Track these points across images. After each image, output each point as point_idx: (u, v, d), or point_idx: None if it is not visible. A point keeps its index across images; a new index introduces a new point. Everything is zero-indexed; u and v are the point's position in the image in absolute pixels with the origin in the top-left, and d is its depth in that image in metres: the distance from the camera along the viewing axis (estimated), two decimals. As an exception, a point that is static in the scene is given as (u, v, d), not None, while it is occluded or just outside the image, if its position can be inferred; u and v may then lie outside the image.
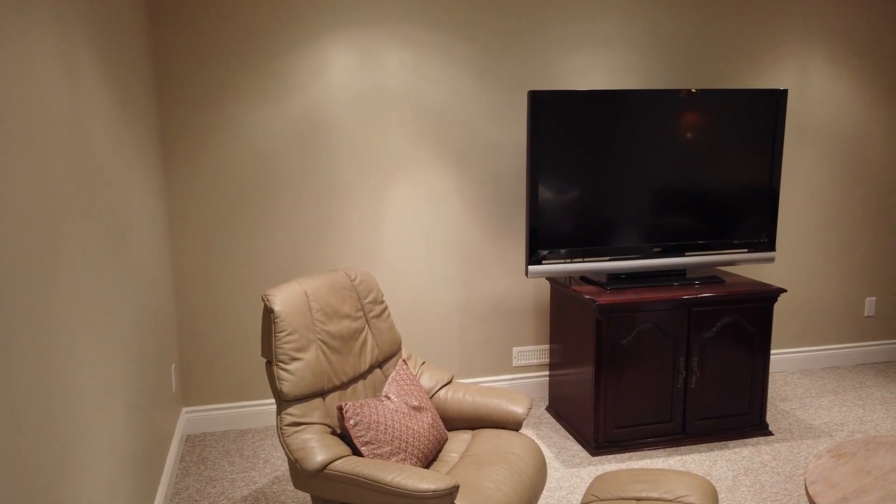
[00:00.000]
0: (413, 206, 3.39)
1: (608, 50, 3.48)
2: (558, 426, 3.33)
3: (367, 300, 2.34)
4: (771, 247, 3.31)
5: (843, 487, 1.89)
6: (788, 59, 3.72)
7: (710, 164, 3.18)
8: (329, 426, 2.00)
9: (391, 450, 1.97)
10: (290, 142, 3.19)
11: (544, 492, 2.70)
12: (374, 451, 1.94)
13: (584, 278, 3.31)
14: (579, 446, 3.10)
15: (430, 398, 2.38)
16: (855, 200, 3.95)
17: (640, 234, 3.18)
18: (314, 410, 1.99)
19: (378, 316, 2.36)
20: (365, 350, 2.27)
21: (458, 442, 2.25)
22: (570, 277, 3.33)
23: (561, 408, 3.37)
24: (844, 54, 3.78)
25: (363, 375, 2.28)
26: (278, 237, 3.25)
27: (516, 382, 3.66)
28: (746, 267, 3.85)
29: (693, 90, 3.09)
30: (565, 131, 3.02)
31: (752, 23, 3.64)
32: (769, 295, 3.10)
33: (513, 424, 2.28)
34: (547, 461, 2.96)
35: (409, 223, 3.40)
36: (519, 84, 3.42)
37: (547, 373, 3.69)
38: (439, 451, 2.21)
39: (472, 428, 2.35)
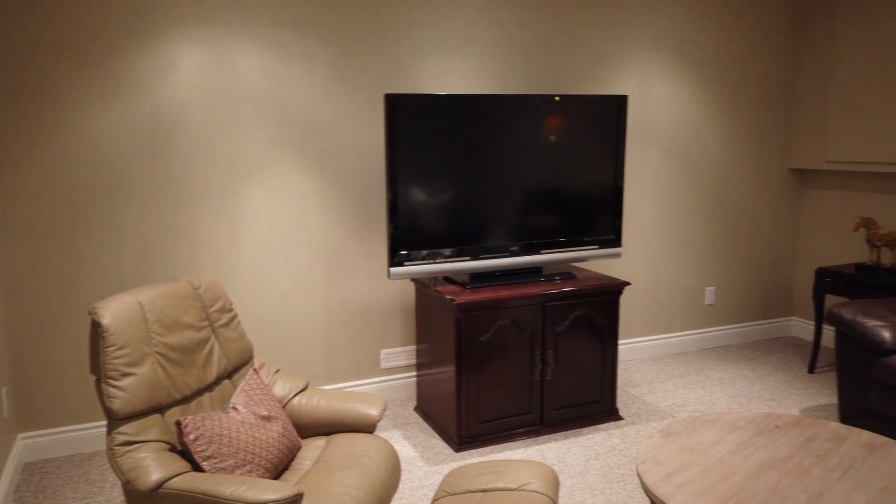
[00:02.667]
0: (272, 211, 3.31)
1: (465, 55, 3.57)
2: (425, 425, 3.37)
3: (213, 309, 2.25)
4: (617, 243, 3.53)
5: (668, 464, 2.05)
6: (632, 67, 3.98)
7: (563, 165, 3.34)
8: (168, 443, 1.91)
9: (236, 462, 1.91)
10: (136, 145, 3.02)
11: (408, 491, 2.73)
12: (217, 466, 1.87)
13: (447, 278, 3.38)
14: (444, 444, 3.16)
15: (284, 406, 2.33)
16: (693, 198, 4.30)
17: (499, 234, 3.28)
18: (150, 427, 1.89)
19: (226, 325, 2.29)
20: (211, 361, 2.19)
21: (313, 449, 2.22)
22: (434, 278, 3.38)
23: (428, 407, 3.42)
24: (681, 64, 4.10)
25: (210, 387, 2.19)
26: (126, 247, 3.06)
27: (385, 385, 3.66)
28: (599, 262, 4.08)
29: (545, 95, 3.23)
30: (424, 134, 3.07)
31: (600, 32, 3.87)
32: (615, 288, 3.30)
33: (368, 427, 2.29)
34: (411, 461, 2.99)
35: (269, 228, 3.32)
36: (379, 87, 3.43)
37: (415, 373, 3.73)
38: (292, 459, 2.17)
39: (329, 433, 2.33)
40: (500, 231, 3.29)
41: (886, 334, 2.93)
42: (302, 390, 2.38)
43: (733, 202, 4.43)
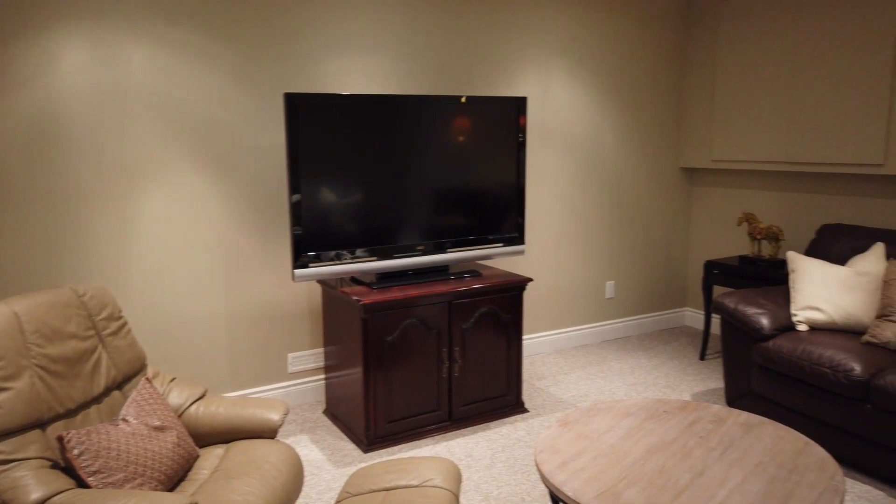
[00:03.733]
0: (169, 214, 3.19)
1: (368, 55, 3.56)
2: (334, 428, 3.34)
3: (100, 317, 2.15)
4: (521, 241, 3.62)
5: (564, 453, 2.13)
6: (533, 69, 4.10)
7: (468, 166, 3.40)
8: (50, 459, 1.81)
9: (125, 476, 1.83)
10: (11, 144, 2.82)
11: (315, 495, 2.70)
12: (105, 481, 1.79)
13: (354, 279, 3.36)
14: (353, 445, 3.15)
15: (180, 416, 2.25)
16: (593, 196, 4.47)
17: (406, 233, 3.30)
18: (29, 444, 1.78)
19: (115, 333, 2.18)
20: (98, 372, 2.09)
21: (211, 458, 2.16)
22: (341, 279, 3.36)
23: (337, 409, 3.39)
24: (578, 68, 4.26)
25: (98, 399, 2.09)
26: (4, 254, 2.86)
27: (293, 389, 3.60)
28: (504, 260, 4.18)
29: (450, 96, 3.27)
30: (328, 134, 3.04)
31: (502, 34, 3.96)
32: (519, 284, 3.39)
33: (269, 433, 2.24)
34: (319, 464, 2.96)
35: (165, 231, 3.19)
36: (282, 86, 3.37)
37: (323, 376, 3.69)
38: (189, 470, 2.10)
39: (228, 441, 2.27)
40: (406, 231, 3.30)
41: (765, 321, 3.16)
42: (199, 398, 2.31)
43: (629, 200, 4.64)
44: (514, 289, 3.39)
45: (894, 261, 3.05)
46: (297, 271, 3.05)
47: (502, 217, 3.55)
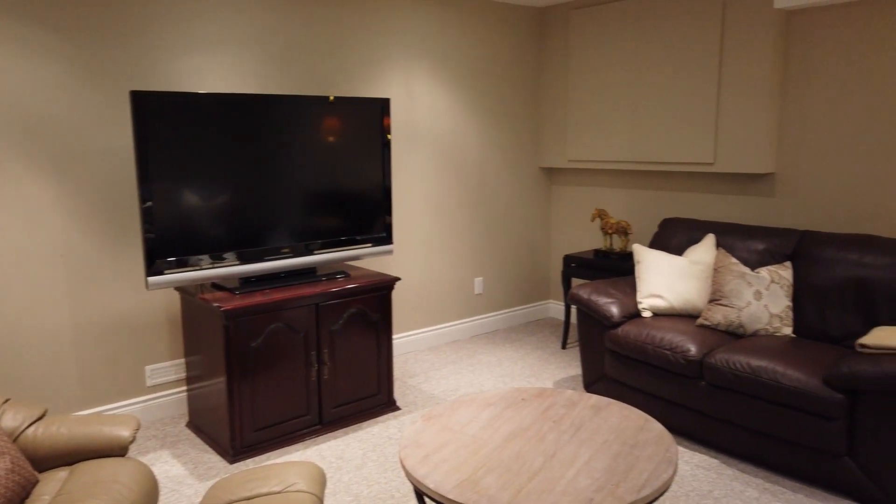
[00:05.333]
0: (1, 225, 2.91)
1: (224, 53, 3.44)
2: (198, 441, 3.21)
3: (-87, 337, 1.93)
4: (389, 241, 3.66)
5: (428, 446, 2.19)
6: (397, 71, 4.15)
7: (333, 166, 3.38)
8: None
9: (-54, 511, 1.66)
10: None
11: (175, 512, 2.58)
12: (-79, 518, 1.62)
13: (216, 285, 3.24)
14: (218, 457, 3.04)
15: (15, 440, 2.08)
16: (459, 196, 4.60)
17: (271, 236, 3.23)
18: None
19: (-67, 354, 1.97)
20: (-87, 398, 1.87)
21: (53, 482, 2.01)
22: (201, 285, 3.23)
23: (201, 421, 3.25)
24: (440, 71, 4.36)
25: (-88, 429, 1.88)
26: None
27: (153, 403, 3.42)
28: (374, 260, 4.20)
29: (312, 96, 3.24)
30: (183, 135, 2.91)
31: (364, 35, 3.97)
32: (387, 284, 3.43)
33: (119, 450, 2.12)
34: (181, 479, 2.83)
35: (-3, 240, 2.91)
36: (132, 84, 3.18)
37: (185, 388, 3.53)
38: (27, 497, 1.94)
39: (74, 462, 2.12)
40: (272, 234, 3.23)
41: (614, 309, 3.40)
42: (38, 419, 2.14)
43: (494, 199, 4.82)
44: (382, 288, 3.41)
45: (723, 250, 3.39)
46: (151, 279, 2.90)
47: (370, 217, 3.57)
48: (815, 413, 2.62)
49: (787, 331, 3.15)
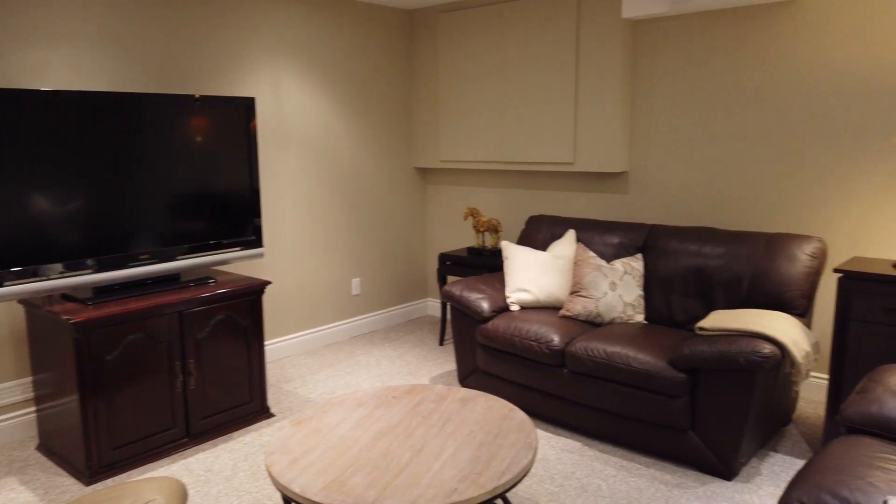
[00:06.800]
0: None
1: (70, 47, 3.21)
2: (50, 464, 2.98)
3: None
4: (259, 244, 3.57)
5: (295, 451, 2.17)
6: (263, 69, 4.05)
7: (198, 168, 3.24)
8: None
9: None
10: None
11: (21, 544, 2.39)
12: None
13: (66, 296, 3.02)
14: (73, 480, 2.84)
15: None
16: (334, 197, 4.57)
17: (130, 242, 3.05)
18: None
19: None
20: None
21: None
22: (49, 297, 2.99)
23: (53, 443, 3.02)
24: (311, 72, 4.30)
25: None
26: None
27: (-5, 427, 3.13)
28: (247, 264, 4.08)
29: (174, 95, 3.09)
30: (22, 136, 2.68)
31: (228, 32, 3.84)
32: (256, 288, 3.34)
33: (-52, 481, 1.93)
34: (29, 508, 2.62)
35: None
36: (-48, 78, 2.89)
37: (34, 408, 3.26)
38: None
39: None
40: (130, 239, 3.06)
41: (485, 304, 3.52)
42: None
43: (369, 199, 4.83)
44: (251, 293, 3.33)
45: (582, 244, 3.60)
46: (-11, 292, 2.66)
47: (238, 220, 3.47)
48: (662, 392, 2.85)
49: (640, 318, 3.40)
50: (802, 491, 1.83)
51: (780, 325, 2.74)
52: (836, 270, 2.87)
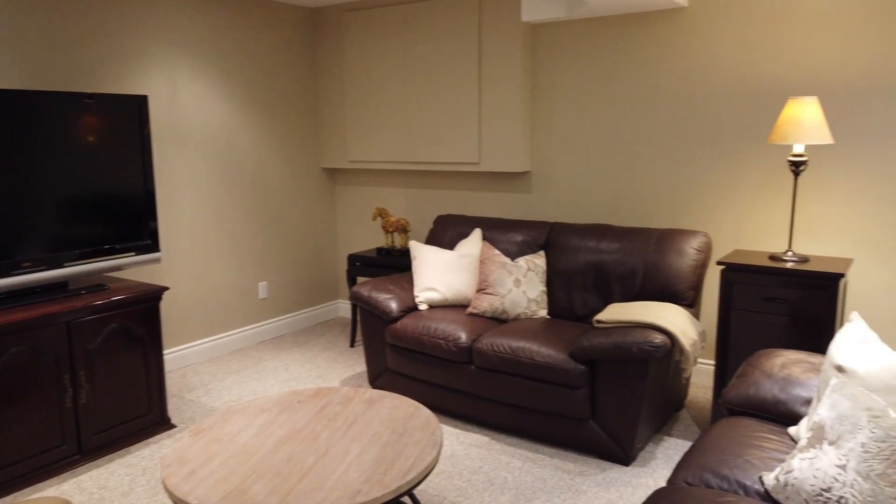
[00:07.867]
0: None
1: (-66, 39, 2.96)
2: (-79, 492, 2.74)
3: None
4: (155, 248, 3.42)
5: (193, 462, 2.10)
6: (158, 66, 3.88)
7: (88, 170, 3.06)
8: None
9: None
10: None
11: None
12: None
13: (-64, 309, 2.79)
14: (-53, 508, 2.63)
15: None
16: (237, 199, 4.44)
17: (13, 248, 2.84)
18: None
19: None
20: None
21: None
22: (-85, 311, 2.75)
23: (-76, 469, 2.78)
24: (209, 70, 4.16)
25: None
26: None
27: None
28: (145, 270, 3.90)
29: (54, 92, 2.90)
30: None
31: (121, 28, 3.65)
32: (152, 295, 3.20)
33: None
34: None
35: None
36: None
37: None
38: None
39: None
40: (13, 246, 2.85)
41: (393, 304, 3.52)
42: None
43: (276, 201, 4.72)
44: (147, 300, 3.18)
45: (488, 243, 3.67)
46: None
47: (133, 224, 3.31)
48: (564, 384, 2.95)
49: (543, 313, 3.51)
50: (688, 472, 1.95)
51: (670, 316, 2.90)
52: (719, 263, 3.07)
